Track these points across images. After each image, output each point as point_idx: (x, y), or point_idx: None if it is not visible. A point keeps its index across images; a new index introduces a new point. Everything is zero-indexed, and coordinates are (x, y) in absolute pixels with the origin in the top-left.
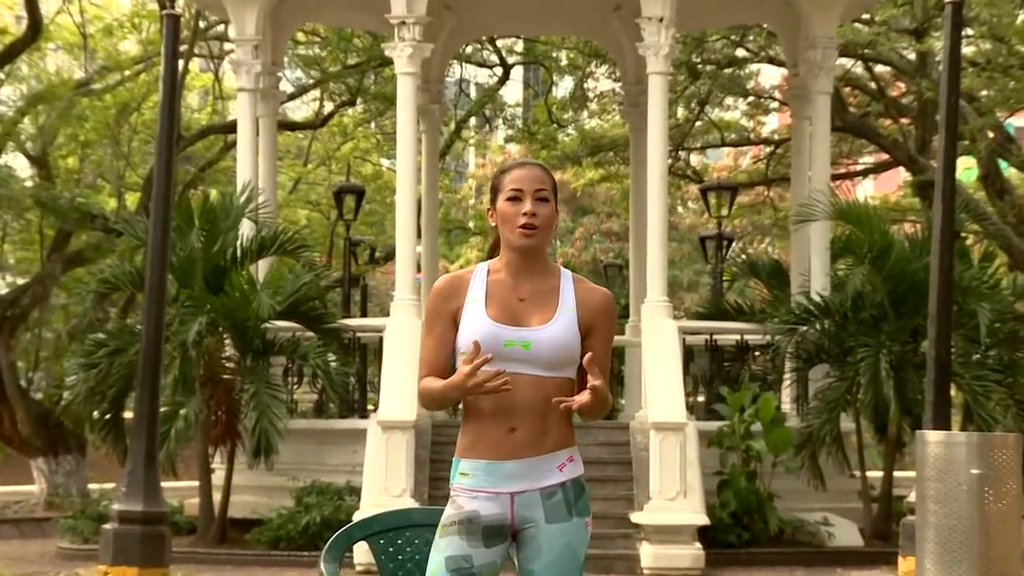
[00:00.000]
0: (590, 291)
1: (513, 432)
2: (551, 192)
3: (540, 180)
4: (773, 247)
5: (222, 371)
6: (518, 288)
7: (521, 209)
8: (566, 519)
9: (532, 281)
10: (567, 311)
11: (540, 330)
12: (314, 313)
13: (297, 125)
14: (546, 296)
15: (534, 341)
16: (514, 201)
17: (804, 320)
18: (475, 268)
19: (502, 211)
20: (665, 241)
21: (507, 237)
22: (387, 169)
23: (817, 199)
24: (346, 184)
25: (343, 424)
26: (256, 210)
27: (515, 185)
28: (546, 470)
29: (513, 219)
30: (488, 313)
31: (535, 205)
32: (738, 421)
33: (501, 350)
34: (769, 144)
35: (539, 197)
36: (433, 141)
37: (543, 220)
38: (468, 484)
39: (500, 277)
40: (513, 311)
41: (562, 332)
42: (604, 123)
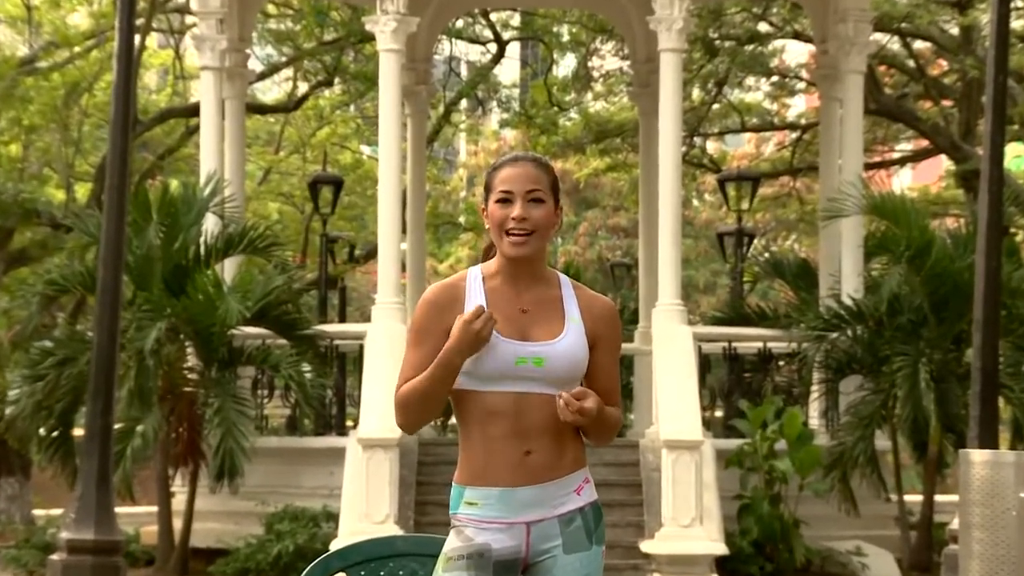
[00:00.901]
0: (592, 299)
1: (529, 455)
2: (548, 191)
3: (533, 179)
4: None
5: (183, 383)
6: (519, 297)
7: (511, 213)
8: (586, 547)
9: (532, 290)
10: (574, 322)
11: (552, 344)
12: (287, 318)
13: (267, 108)
14: (549, 306)
15: (547, 357)
16: (504, 204)
17: (834, 326)
18: (467, 274)
19: (492, 215)
20: (679, 238)
21: (497, 244)
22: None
23: (848, 191)
24: (322, 174)
25: (319, 442)
26: (222, 203)
27: (504, 186)
28: (563, 495)
29: (502, 224)
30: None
31: (526, 208)
32: (760, 439)
33: (511, 369)
34: (795, 129)
35: (532, 198)
36: (420, 126)
37: (536, 224)
38: (478, 514)
39: (498, 285)
40: (519, 324)
41: (573, 345)
42: (610, 106)
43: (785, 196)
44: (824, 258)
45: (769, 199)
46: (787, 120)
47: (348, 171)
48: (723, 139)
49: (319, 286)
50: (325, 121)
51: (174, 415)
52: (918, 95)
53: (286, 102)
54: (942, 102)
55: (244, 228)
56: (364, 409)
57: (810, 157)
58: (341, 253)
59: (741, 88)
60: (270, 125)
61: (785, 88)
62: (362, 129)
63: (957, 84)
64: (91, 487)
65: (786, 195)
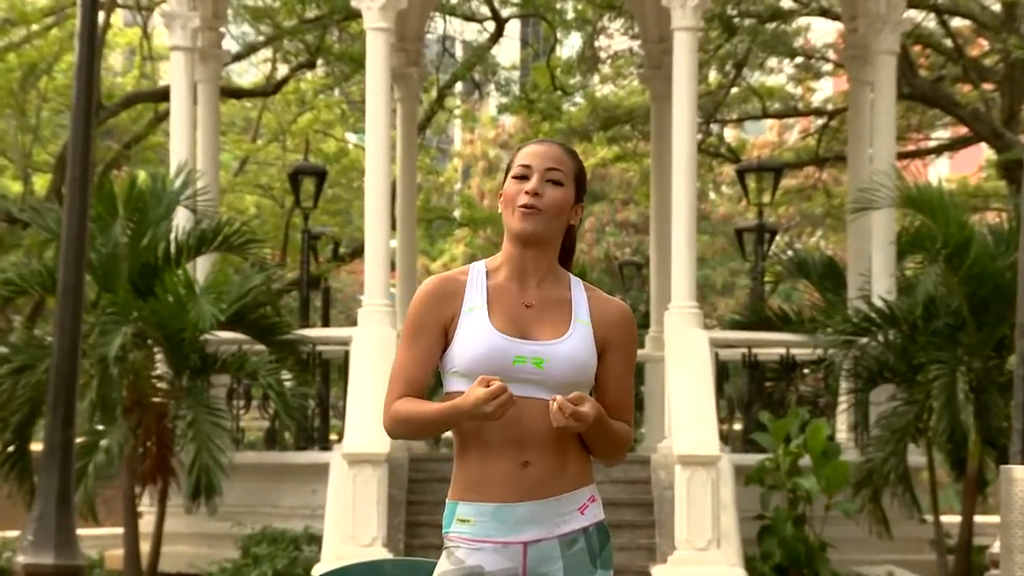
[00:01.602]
0: (605, 302)
1: (527, 467)
2: (569, 177)
3: (555, 159)
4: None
5: (152, 393)
6: (524, 293)
7: (524, 187)
8: (590, 572)
9: (540, 286)
10: (582, 323)
11: (554, 344)
12: (265, 322)
13: (244, 92)
14: (556, 305)
15: (548, 358)
16: (520, 180)
17: (864, 330)
18: (469, 268)
19: (506, 191)
20: (694, 234)
21: (506, 222)
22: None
23: (879, 182)
24: (304, 164)
25: (301, 457)
26: (194, 196)
27: (524, 161)
28: (565, 513)
29: (514, 199)
30: (493, 323)
31: (543, 186)
32: (783, 454)
33: (509, 368)
34: (821, 115)
35: (551, 179)
36: (410, 112)
37: (549, 203)
38: (470, 533)
39: (501, 280)
40: (520, 321)
41: (579, 348)
42: (619, 90)
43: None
44: (853, 256)
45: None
46: (812, 105)
47: (332, 161)
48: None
49: (300, 287)
50: (307, 106)
51: (141, 428)
52: (956, 78)
53: (264, 85)
54: (982, 85)
55: (218, 223)
56: (350, 421)
57: (838, 146)
58: (324, 251)
59: (762, 70)
60: (247, 111)
61: (810, 70)
62: (347, 115)
63: (999, 66)
64: (50, 507)
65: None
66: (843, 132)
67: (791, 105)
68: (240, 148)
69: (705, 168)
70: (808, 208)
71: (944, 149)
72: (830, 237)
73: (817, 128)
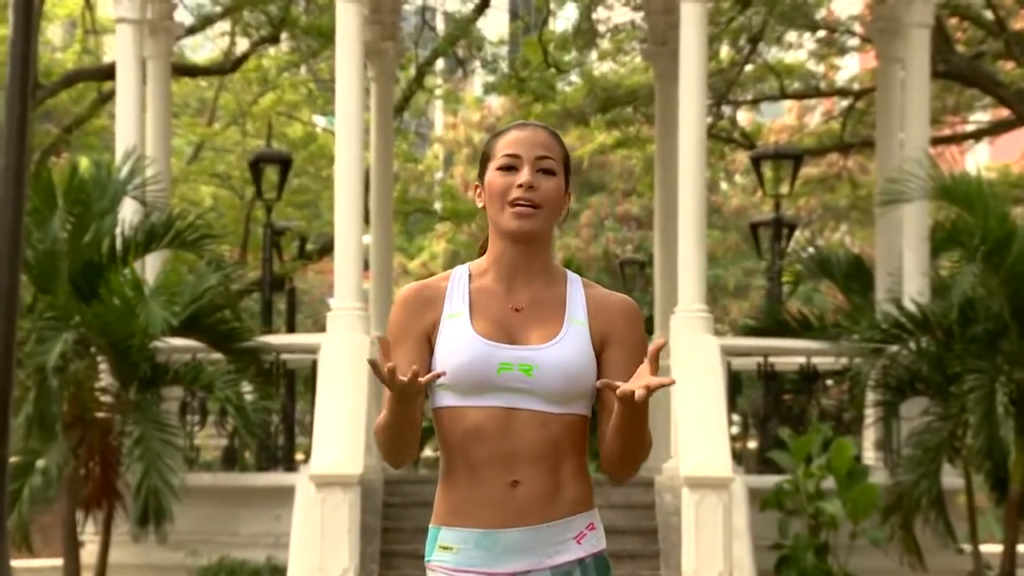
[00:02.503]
0: (605, 297)
1: (516, 488)
2: (560, 164)
3: (545, 145)
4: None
5: (95, 407)
6: (512, 295)
7: (515, 180)
8: None
9: (530, 286)
10: (576, 324)
11: (544, 349)
12: (223, 328)
13: (199, 70)
14: (549, 306)
15: (538, 364)
16: (507, 171)
17: (894, 337)
18: (452, 273)
19: (491, 184)
20: (703, 229)
21: (496, 220)
22: (323, 130)
23: (912, 171)
24: (267, 151)
25: (262, 479)
26: (143, 186)
27: (510, 150)
28: (560, 542)
29: (504, 193)
30: (475, 328)
31: (536, 177)
32: (804, 475)
33: (494, 378)
34: (846, 96)
35: (542, 168)
36: (386, 92)
37: (545, 196)
38: (452, 562)
39: (487, 283)
40: (507, 325)
41: (572, 351)
42: (620, 68)
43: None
44: (881, 254)
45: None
46: (836, 85)
47: (298, 147)
48: (758, 108)
49: (262, 288)
50: (269, 86)
51: (83, 446)
52: (997, 54)
53: (222, 62)
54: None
55: (170, 217)
56: (318, 439)
57: (864, 130)
58: (289, 248)
59: (780, 45)
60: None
61: (834, 45)
62: (315, 96)
63: None
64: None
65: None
66: (870, 115)
67: (812, 85)
68: (195, 132)
69: (716, 155)
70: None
71: (984, 134)
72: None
73: (841, 110)
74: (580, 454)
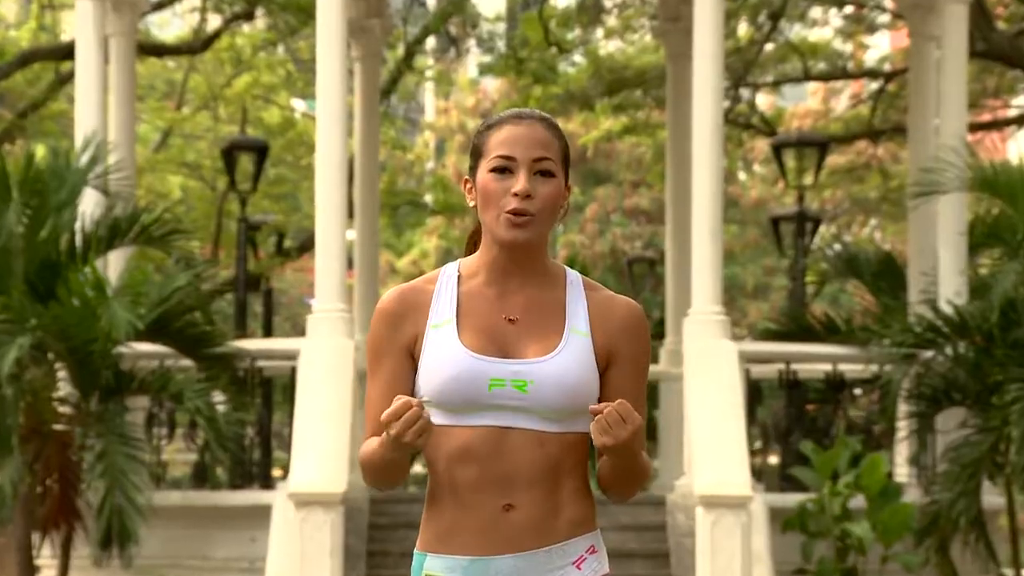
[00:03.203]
0: (608, 302)
1: (510, 511)
2: (559, 162)
3: (542, 144)
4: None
5: (54, 419)
6: (505, 302)
7: (511, 186)
8: None
9: (525, 291)
10: (577, 334)
11: (541, 362)
12: (193, 332)
13: (167, 49)
14: (547, 313)
15: (534, 379)
16: (501, 174)
17: (928, 342)
18: (439, 273)
19: (484, 187)
20: (720, 224)
21: (489, 226)
22: (302, 115)
23: (948, 160)
24: (241, 138)
25: (236, 498)
26: (105, 176)
27: (504, 150)
28: (557, 568)
29: (497, 200)
30: (463, 340)
31: (532, 181)
32: (830, 493)
33: (484, 395)
34: (876, 78)
35: (540, 170)
36: (372, 74)
37: (542, 204)
38: None
39: (477, 286)
40: (499, 336)
41: (573, 365)
42: (628, 46)
43: (862, 168)
44: (915, 251)
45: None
46: (865, 66)
47: (275, 134)
48: (779, 91)
49: (236, 288)
50: (244, 67)
51: (41, 462)
52: None
53: (191, 41)
54: None
55: (135, 210)
56: (297, 453)
57: (896, 115)
58: (266, 243)
59: (803, 22)
60: (170, 72)
61: (863, 22)
62: (294, 78)
63: None
64: None
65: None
66: (903, 98)
67: (839, 65)
68: (162, 117)
69: (734, 143)
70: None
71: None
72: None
73: (871, 94)
74: (581, 474)
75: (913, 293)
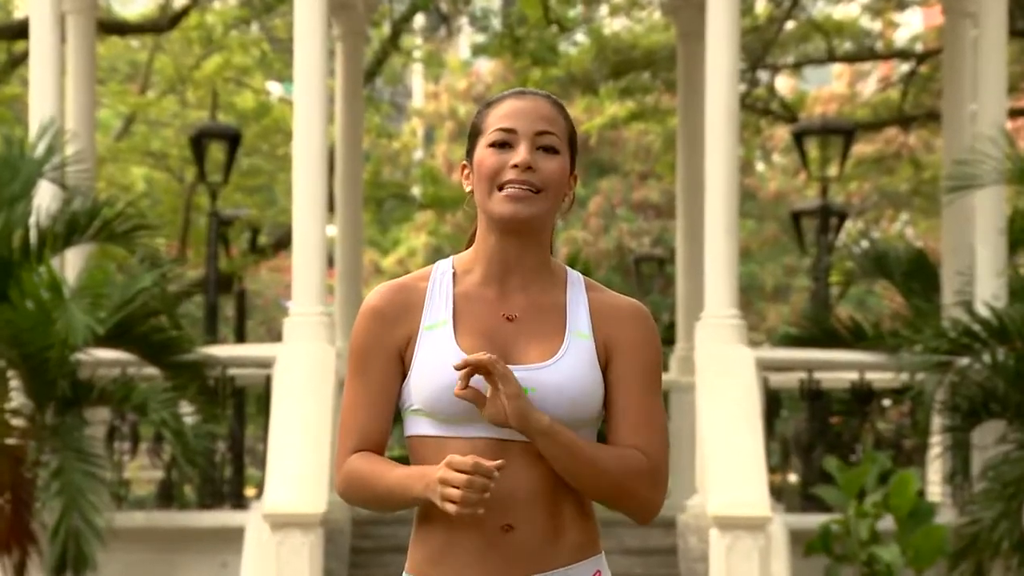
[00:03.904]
0: (611, 302)
1: (509, 533)
2: (564, 141)
3: (547, 118)
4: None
5: (5, 433)
6: (504, 300)
7: (510, 159)
8: None
9: (526, 289)
10: (579, 337)
11: (543, 368)
12: (158, 337)
13: (130, 27)
14: (547, 315)
15: (535, 387)
16: (500, 148)
17: (964, 348)
18: (432, 270)
19: (480, 164)
20: (735, 219)
21: (485, 205)
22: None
23: (985, 150)
24: (211, 124)
25: (206, 519)
26: (62, 167)
27: (505, 123)
28: None
29: (495, 175)
30: (460, 344)
31: (535, 155)
32: (856, 514)
33: None
34: (907, 59)
35: (544, 145)
36: (355, 54)
37: (546, 179)
38: None
39: (474, 284)
40: (499, 339)
41: (576, 371)
42: (635, 24)
43: (892, 158)
44: (949, 249)
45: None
46: (895, 46)
47: (248, 120)
48: (801, 74)
49: (206, 289)
50: (215, 47)
51: None
52: None
53: (157, 18)
54: None
55: (95, 203)
56: (272, 471)
57: (929, 100)
58: (239, 240)
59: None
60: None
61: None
62: (269, 59)
63: None
64: None
65: (893, 156)
66: (936, 82)
67: (866, 45)
68: (125, 102)
69: (751, 130)
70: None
71: None
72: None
73: (901, 76)
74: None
75: (947, 295)
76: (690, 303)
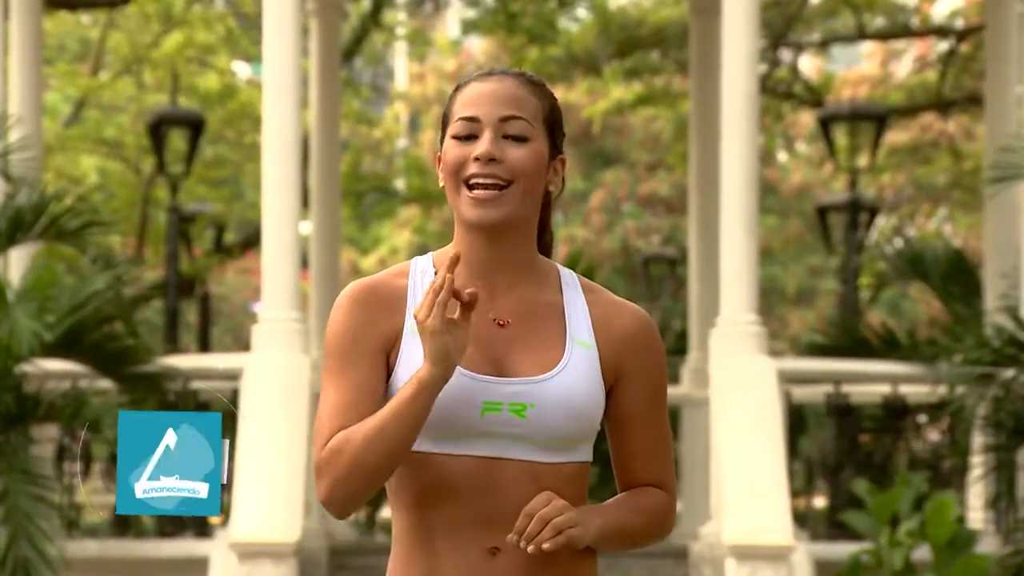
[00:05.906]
0: (614, 308)
1: (497, 557)
2: (538, 123)
3: (511, 101)
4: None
5: None
6: (492, 302)
7: (472, 151)
8: None
9: (515, 290)
10: (583, 347)
11: (542, 381)
12: (113, 346)
13: (80, 2)
14: (543, 319)
15: (534, 402)
16: (464, 141)
17: (1008, 359)
18: (410, 267)
19: (446, 158)
20: (754, 215)
21: (454, 205)
22: (247, 82)
23: None
24: (171, 109)
25: (166, 548)
26: (5, 156)
27: (466, 111)
28: None
29: (458, 170)
30: None
31: (498, 145)
32: (889, 543)
33: (475, 421)
34: (946, 37)
35: (510, 133)
36: (331, 31)
37: (514, 169)
38: None
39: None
40: (491, 347)
41: (578, 384)
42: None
43: (929, 146)
44: (992, 248)
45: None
46: (932, 22)
47: (213, 104)
48: (828, 53)
49: (166, 292)
50: (175, 23)
51: None
52: None
53: None
54: None
55: (42, 197)
56: (240, 494)
57: (970, 82)
58: (202, 239)
59: None
60: (84, 29)
61: None
62: (235, 36)
63: None
64: None
65: (930, 145)
66: (978, 62)
67: (900, 21)
68: (75, 84)
69: (772, 116)
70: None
71: None
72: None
73: (939, 56)
74: None
75: (990, 299)
76: (704, 308)
